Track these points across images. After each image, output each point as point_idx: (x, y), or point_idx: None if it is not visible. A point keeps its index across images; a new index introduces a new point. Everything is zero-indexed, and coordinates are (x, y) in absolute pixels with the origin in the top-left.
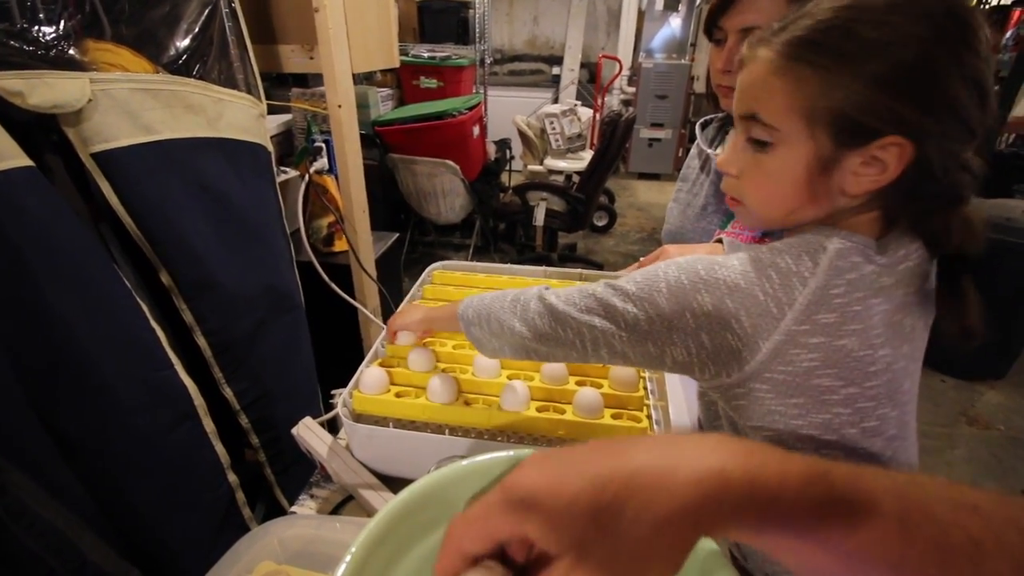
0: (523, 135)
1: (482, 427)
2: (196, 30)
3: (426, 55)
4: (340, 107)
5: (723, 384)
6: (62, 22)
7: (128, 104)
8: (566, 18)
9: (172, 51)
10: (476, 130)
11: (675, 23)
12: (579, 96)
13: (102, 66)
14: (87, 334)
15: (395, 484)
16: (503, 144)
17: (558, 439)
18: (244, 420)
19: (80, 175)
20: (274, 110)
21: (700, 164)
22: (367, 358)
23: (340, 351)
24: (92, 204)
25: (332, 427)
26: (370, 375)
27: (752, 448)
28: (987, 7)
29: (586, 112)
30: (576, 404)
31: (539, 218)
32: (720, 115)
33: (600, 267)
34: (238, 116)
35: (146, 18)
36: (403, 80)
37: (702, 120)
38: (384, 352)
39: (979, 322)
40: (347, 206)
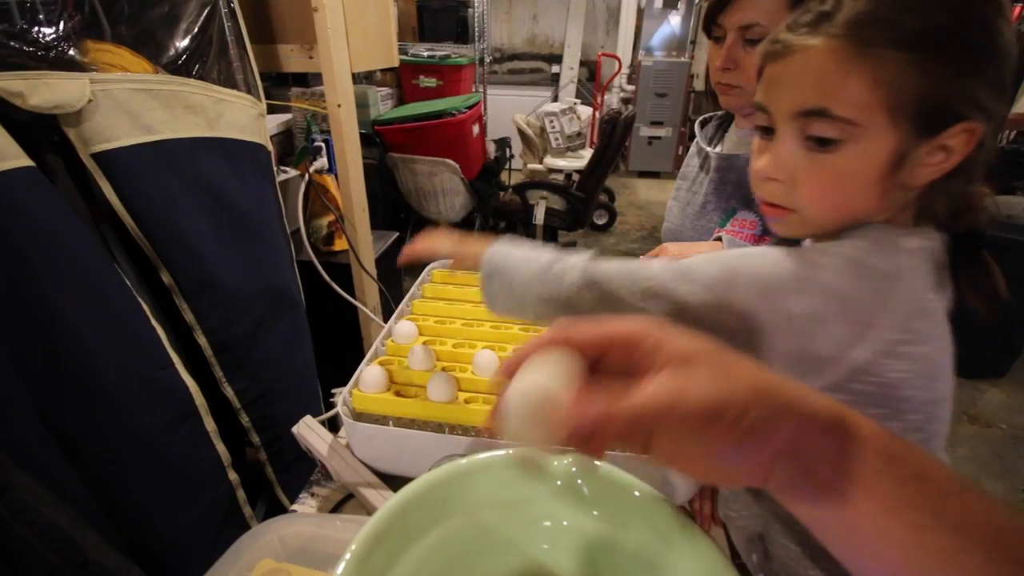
0: (523, 134)
1: (481, 426)
2: (195, 30)
3: (425, 54)
4: (340, 106)
5: None
6: (62, 23)
7: (128, 104)
8: (565, 16)
9: (172, 51)
10: (476, 129)
11: (674, 21)
12: (579, 94)
13: (102, 66)
14: (89, 333)
15: (395, 483)
16: (503, 143)
17: None
18: (245, 419)
19: (81, 175)
20: (274, 110)
21: (700, 162)
22: (367, 357)
23: (340, 350)
24: (93, 204)
25: (332, 426)
26: (370, 374)
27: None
28: None
29: (586, 110)
30: None
31: (539, 217)
32: (719, 113)
33: None
34: (238, 116)
35: (145, 18)
36: (403, 79)
37: (701, 118)
38: (384, 351)
39: (1003, 286)
40: (347, 205)
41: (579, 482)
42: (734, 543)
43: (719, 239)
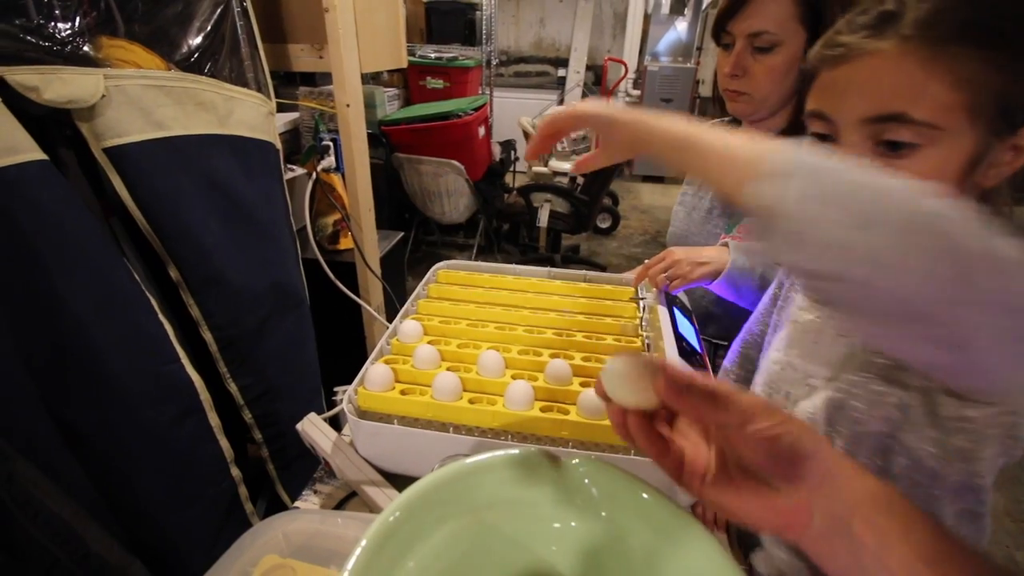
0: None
1: (486, 426)
2: (208, 28)
3: (433, 56)
4: (348, 106)
5: None
6: (77, 19)
7: (141, 100)
8: (572, 20)
9: (184, 49)
10: (481, 131)
11: (681, 27)
12: (584, 98)
13: (115, 63)
14: (97, 326)
15: (399, 481)
16: (508, 145)
17: (562, 440)
18: (248, 415)
19: (92, 169)
20: (281, 108)
21: None
22: (372, 355)
23: (343, 348)
24: (103, 198)
25: (335, 423)
26: (375, 372)
27: None
28: None
29: None
30: (580, 405)
31: (543, 219)
32: (726, 119)
33: (603, 269)
34: (248, 114)
35: (159, 16)
36: (410, 80)
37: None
38: (389, 350)
39: None
40: (353, 204)
41: (586, 482)
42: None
43: (725, 245)
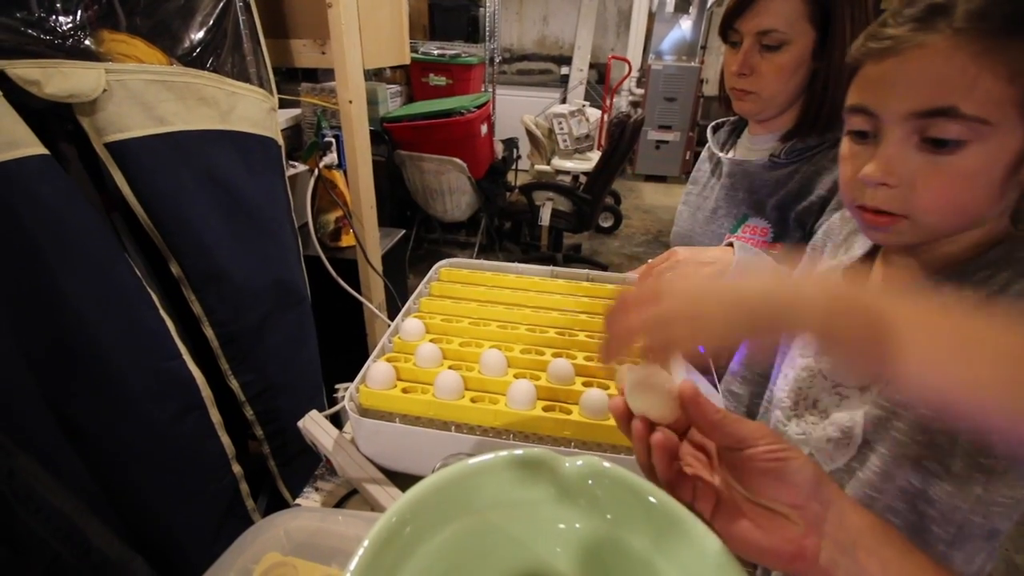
0: (531, 135)
1: (488, 425)
2: (210, 23)
3: (436, 53)
4: (351, 103)
5: None
6: (79, 12)
7: (142, 95)
8: (576, 18)
9: (186, 43)
10: (484, 128)
11: (685, 25)
12: (587, 97)
13: (117, 57)
14: (98, 322)
15: (400, 479)
16: (510, 143)
17: (564, 439)
18: (249, 412)
19: (94, 164)
20: (282, 104)
21: (711, 167)
22: (374, 353)
23: (345, 345)
24: (105, 194)
25: (336, 421)
26: (377, 370)
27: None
28: None
29: (594, 113)
30: (583, 405)
31: (545, 218)
32: (732, 118)
33: (605, 268)
34: (250, 109)
35: (161, 10)
36: (412, 77)
37: (714, 123)
38: (391, 348)
39: None
40: (355, 201)
41: (590, 483)
42: None
43: (730, 245)
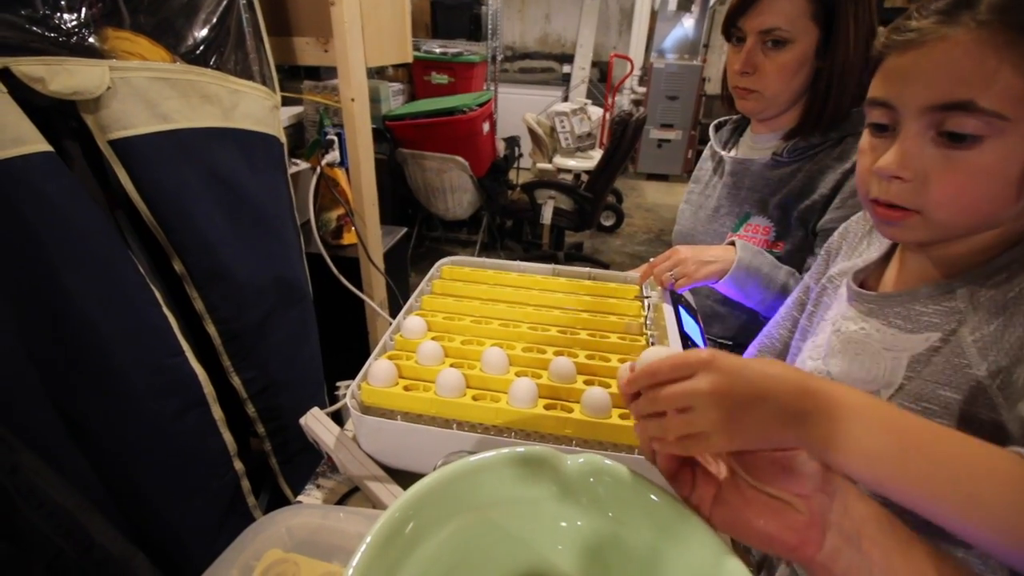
0: (533, 133)
1: (489, 423)
2: (214, 21)
3: (438, 51)
4: (353, 100)
5: None
6: (83, 10)
7: (146, 92)
8: (578, 16)
9: (190, 41)
10: (486, 127)
11: (688, 23)
12: (589, 95)
13: (121, 54)
14: (102, 319)
15: (401, 477)
16: (512, 141)
17: (565, 437)
18: (251, 409)
19: (97, 161)
20: (285, 102)
21: (713, 166)
22: (375, 351)
23: (346, 343)
24: (108, 191)
25: (338, 418)
26: (379, 368)
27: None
28: None
29: (596, 111)
30: (584, 403)
31: (546, 216)
32: (735, 117)
33: (607, 267)
34: (253, 107)
35: (164, 8)
36: (414, 75)
37: (716, 122)
38: (393, 345)
39: None
40: (357, 199)
41: (592, 481)
42: None
43: (732, 243)
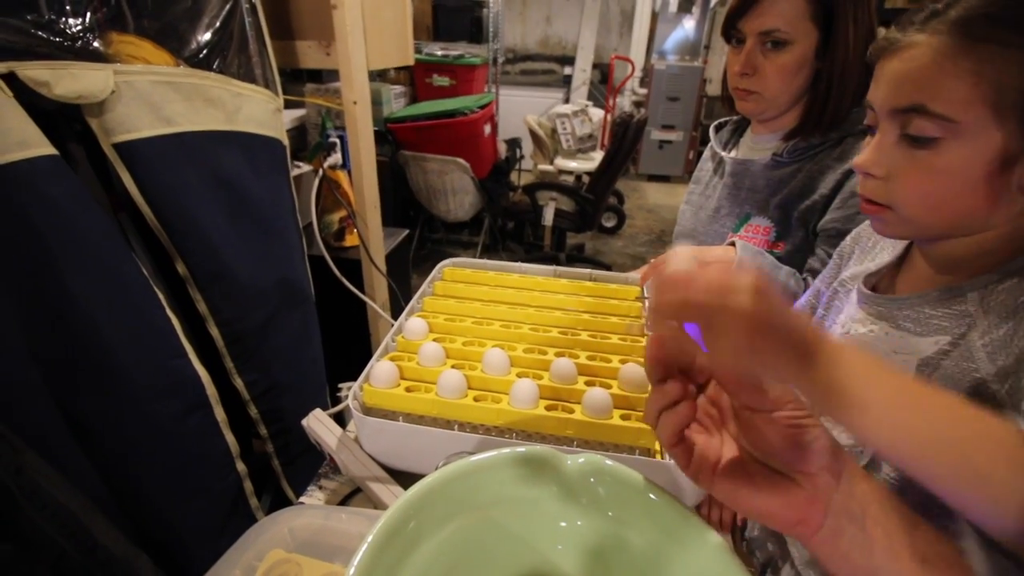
0: (534, 135)
1: (490, 424)
2: (217, 25)
3: (439, 53)
4: (355, 103)
5: None
6: (87, 15)
7: (150, 96)
8: (579, 18)
9: (193, 45)
10: (487, 129)
11: (688, 25)
12: (591, 97)
13: (125, 58)
14: (106, 321)
15: (403, 478)
16: (514, 143)
17: (566, 438)
18: (253, 411)
19: (102, 165)
20: (288, 105)
21: (714, 167)
22: (377, 352)
23: (348, 344)
24: (112, 194)
25: (340, 420)
26: (381, 369)
27: None
28: None
29: (597, 113)
30: (585, 404)
31: (548, 218)
32: (735, 118)
33: (608, 268)
34: (256, 110)
35: (168, 12)
36: (416, 78)
37: (716, 123)
38: (395, 347)
39: None
40: (359, 201)
41: (592, 481)
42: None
43: (732, 244)
